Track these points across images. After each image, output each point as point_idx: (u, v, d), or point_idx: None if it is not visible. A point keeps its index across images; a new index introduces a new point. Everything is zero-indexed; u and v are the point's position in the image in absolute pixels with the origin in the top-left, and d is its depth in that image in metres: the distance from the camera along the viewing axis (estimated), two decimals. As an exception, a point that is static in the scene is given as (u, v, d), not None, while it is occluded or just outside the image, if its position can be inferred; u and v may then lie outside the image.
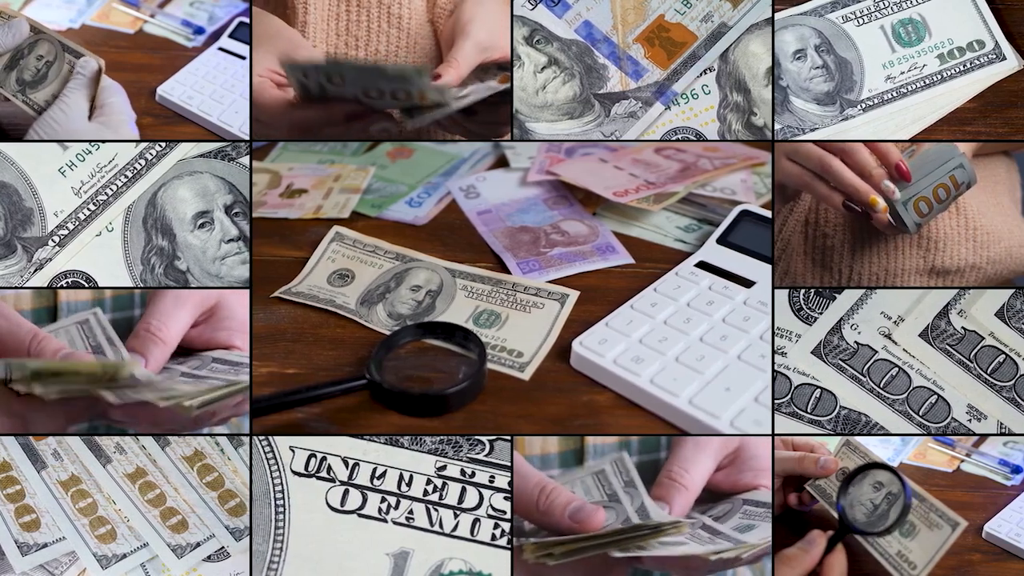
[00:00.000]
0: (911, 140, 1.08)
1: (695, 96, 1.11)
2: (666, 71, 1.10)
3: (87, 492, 0.98)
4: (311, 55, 1.10)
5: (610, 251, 1.13)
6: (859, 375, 1.01)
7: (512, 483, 0.88)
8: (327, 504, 0.89)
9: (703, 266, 1.07)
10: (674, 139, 1.11)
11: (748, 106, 1.10)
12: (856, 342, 1.02)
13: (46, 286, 1.02)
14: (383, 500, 0.89)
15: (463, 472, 0.89)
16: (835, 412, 1.02)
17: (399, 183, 1.26)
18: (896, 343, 1.01)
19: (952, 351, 1.01)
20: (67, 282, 1.02)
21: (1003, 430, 1.00)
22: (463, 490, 0.89)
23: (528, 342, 0.99)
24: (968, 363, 1.01)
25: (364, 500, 0.89)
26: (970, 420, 1.00)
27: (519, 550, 0.83)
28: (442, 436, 0.90)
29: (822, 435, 1.01)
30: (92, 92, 1.02)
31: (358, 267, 1.10)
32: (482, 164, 1.30)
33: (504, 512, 0.88)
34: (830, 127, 1.08)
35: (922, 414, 1.01)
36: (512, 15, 1.10)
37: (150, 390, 0.87)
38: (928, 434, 1.04)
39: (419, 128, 1.00)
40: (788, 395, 1.02)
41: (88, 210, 1.02)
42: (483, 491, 0.89)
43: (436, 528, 0.89)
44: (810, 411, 1.02)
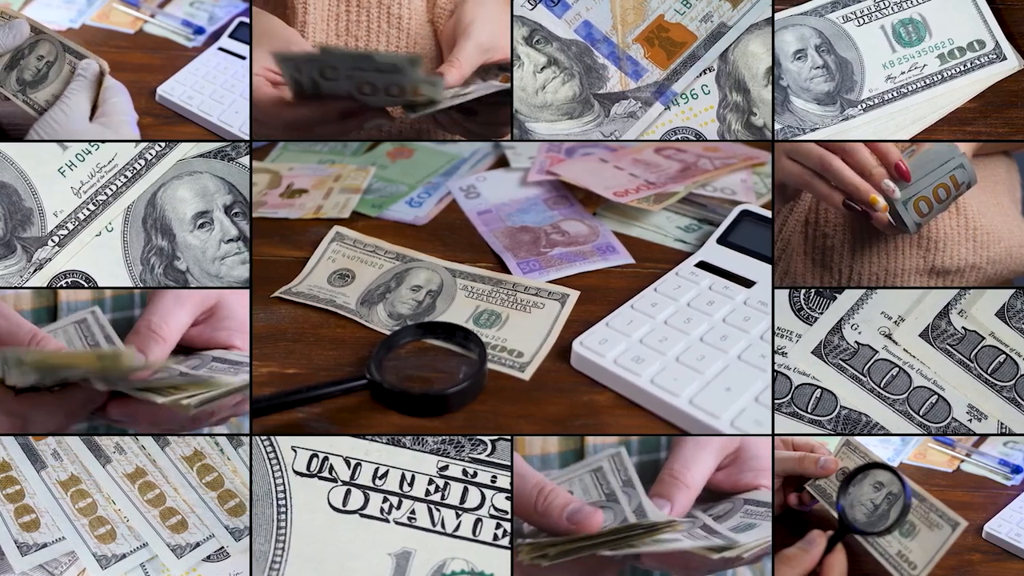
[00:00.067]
0: (911, 140, 1.08)
1: (695, 96, 1.11)
2: (666, 71, 1.10)
3: (87, 492, 0.97)
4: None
5: (610, 251, 1.13)
6: (859, 375, 1.01)
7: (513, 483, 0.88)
8: (329, 504, 0.89)
9: (703, 266, 1.07)
10: (674, 139, 1.11)
11: (747, 106, 1.10)
12: (856, 342, 1.02)
13: (46, 286, 1.02)
14: (385, 500, 0.89)
15: (465, 472, 0.89)
16: (835, 412, 1.02)
17: (399, 183, 1.26)
18: (896, 343, 1.01)
19: (952, 351, 1.01)
20: (67, 282, 1.02)
21: (1003, 430, 1.00)
22: (465, 490, 0.89)
23: (528, 342, 0.99)
24: (968, 363, 1.01)
25: (366, 500, 0.89)
26: (970, 420, 1.00)
27: (516, 551, 0.83)
28: (444, 436, 0.90)
29: (822, 435, 1.01)
30: (93, 93, 1.02)
31: (358, 267, 1.10)
32: (482, 164, 1.30)
33: (506, 512, 0.88)
34: (830, 127, 1.08)
35: (922, 414, 1.01)
36: (512, 15, 1.10)
37: (148, 384, 0.87)
38: (928, 434, 1.04)
39: (418, 120, 1.00)
40: (788, 395, 1.02)
41: (88, 210, 1.02)
42: (485, 491, 0.89)
43: (438, 528, 0.89)
44: (810, 411, 1.02)
